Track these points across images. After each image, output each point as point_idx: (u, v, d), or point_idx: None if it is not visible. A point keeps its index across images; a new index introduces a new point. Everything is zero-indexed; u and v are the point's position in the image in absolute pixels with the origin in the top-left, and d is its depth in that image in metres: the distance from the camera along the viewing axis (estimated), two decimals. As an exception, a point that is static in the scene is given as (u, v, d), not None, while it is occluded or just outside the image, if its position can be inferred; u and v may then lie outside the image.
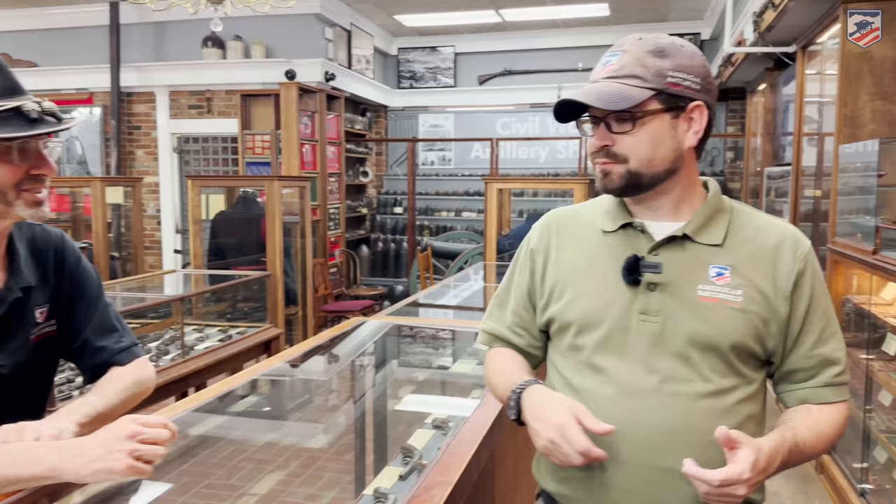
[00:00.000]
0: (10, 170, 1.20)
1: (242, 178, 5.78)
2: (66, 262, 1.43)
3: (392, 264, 8.84)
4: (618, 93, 1.14)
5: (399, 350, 2.63)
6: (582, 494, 1.20)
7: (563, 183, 5.02)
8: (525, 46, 8.85)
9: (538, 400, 1.16)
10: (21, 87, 1.21)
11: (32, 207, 1.24)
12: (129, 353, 1.46)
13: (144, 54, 7.82)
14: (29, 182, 1.22)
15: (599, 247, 1.27)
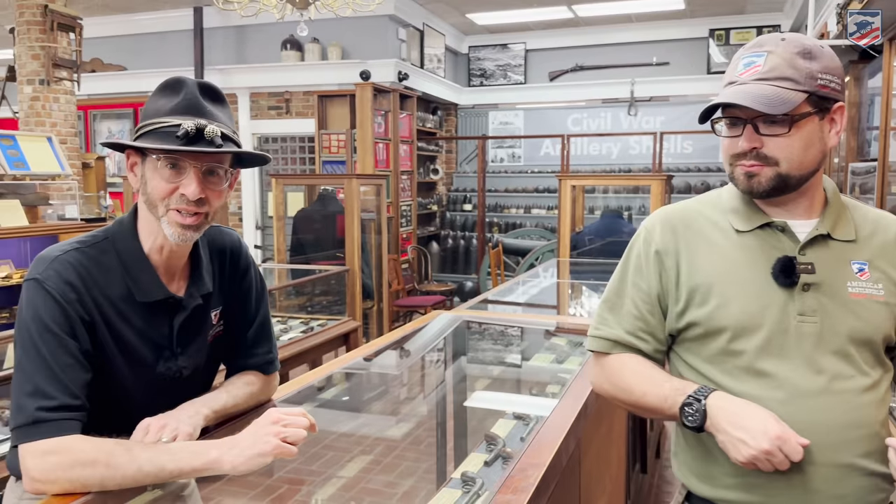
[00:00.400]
0: (160, 183, 1.24)
1: (323, 177, 5.97)
2: (239, 266, 1.48)
3: (461, 261, 8.92)
4: (776, 96, 1.14)
5: (476, 345, 2.69)
6: (760, 499, 1.20)
7: (638, 179, 4.98)
8: (597, 42, 8.78)
9: (731, 408, 1.15)
10: (200, 108, 1.24)
11: (174, 227, 1.25)
12: (272, 366, 1.54)
13: (226, 57, 8.13)
14: (177, 201, 1.24)
15: (736, 248, 1.24)
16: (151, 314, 1.29)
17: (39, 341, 1.17)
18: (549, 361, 2.37)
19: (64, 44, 6.24)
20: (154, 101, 1.27)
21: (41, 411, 1.13)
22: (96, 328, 1.23)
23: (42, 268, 1.22)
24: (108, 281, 1.25)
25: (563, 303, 3.28)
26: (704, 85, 8.46)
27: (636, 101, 8.76)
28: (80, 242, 1.27)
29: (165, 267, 1.32)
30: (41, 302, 1.19)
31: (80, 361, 1.19)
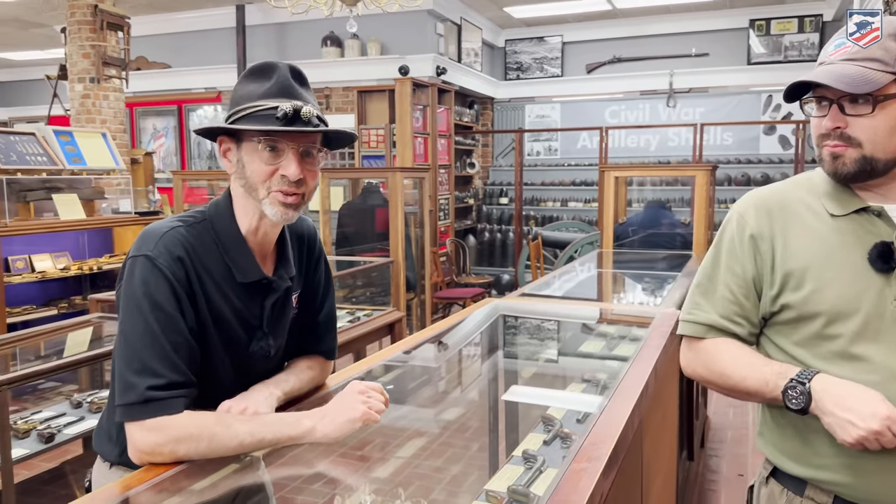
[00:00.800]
0: (260, 166, 1.26)
1: (367, 170, 6.06)
2: (314, 253, 1.52)
3: (498, 254, 8.97)
4: (860, 76, 1.14)
5: (524, 334, 2.74)
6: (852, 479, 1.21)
7: (683, 170, 4.97)
8: (635, 33, 8.74)
9: (837, 391, 1.15)
10: (292, 91, 1.27)
11: (277, 206, 1.28)
12: (334, 353, 1.60)
13: (268, 54, 8.27)
14: (278, 182, 1.27)
15: (832, 232, 1.24)
16: (247, 294, 1.33)
17: (150, 318, 1.19)
18: (599, 349, 2.42)
19: (113, 42, 6.43)
20: (244, 87, 1.29)
21: (151, 390, 1.16)
22: (198, 305, 1.26)
23: (152, 244, 1.24)
24: (209, 259, 1.29)
25: (609, 293, 3.31)
26: (744, 76, 8.37)
27: (675, 93, 8.70)
28: (182, 221, 1.31)
29: (259, 249, 1.36)
30: (152, 279, 1.21)
31: (188, 339, 1.23)
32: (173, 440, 1.16)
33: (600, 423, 1.29)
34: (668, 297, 2.68)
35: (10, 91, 11.69)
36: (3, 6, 7.80)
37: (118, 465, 1.36)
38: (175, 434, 1.16)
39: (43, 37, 9.35)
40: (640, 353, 1.79)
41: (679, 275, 3.22)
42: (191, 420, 1.18)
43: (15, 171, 4.07)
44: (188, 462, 1.17)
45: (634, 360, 1.73)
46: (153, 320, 1.20)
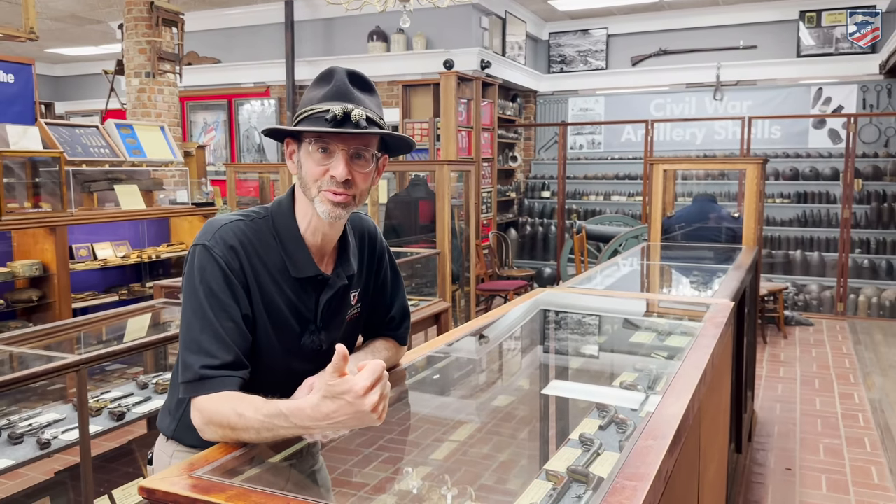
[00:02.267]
0: (313, 166, 1.33)
1: (414, 164, 6.14)
2: (376, 251, 1.56)
3: (540, 247, 8.99)
4: None
5: (574, 325, 2.77)
6: None
7: (733, 163, 4.93)
8: (681, 25, 8.65)
9: None
10: (347, 94, 1.32)
11: (326, 205, 1.33)
12: (406, 339, 1.67)
13: (315, 49, 8.40)
14: (328, 182, 1.32)
15: None
16: (302, 289, 1.38)
17: (206, 303, 1.26)
18: (650, 339, 2.45)
19: (167, 38, 6.61)
20: (309, 92, 1.36)
21: (205, 369, 1.23)
22: (252, 294, 1.32)
23: (210, 235, 1.32)
24: (266, 252, 1.36)
25: (658, 286, 3.33)
26: (794, 69, 8.23)
27: (722, 86, 8.59)
28: (244, 216, 1.39)
29: (317, 247, 1.42)
30: (209, 267, 1.28)
31: (240, 326, 1.29)
32: (205, 421, 1.23)
33: (662, 405, 1.34)
34: (721, 289, 2.69)
35: (66, 85, 12.07)
36: (60, 2, 8.07)
37: (172, 440, 1.46)
38: (206, 417, 1.22)
39: (98, 33, 9.64)
40: (697, 342, 1.82)
41: (730, 268, 3.22)
42: (223, 405, 1.21)
43: (80, 162, 4.25)
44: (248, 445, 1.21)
45: (691, 349, 1.76)
46: (207, 306, 1.27)
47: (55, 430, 2.50)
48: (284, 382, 1.39)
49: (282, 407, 1.15)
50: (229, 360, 1.26)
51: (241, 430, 1.18)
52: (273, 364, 1.39)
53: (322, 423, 1.11)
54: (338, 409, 1.10)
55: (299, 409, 1.13)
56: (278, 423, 1.15)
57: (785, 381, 5.27)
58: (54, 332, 2.86)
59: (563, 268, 7.75)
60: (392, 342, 1.63)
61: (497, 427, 2.79)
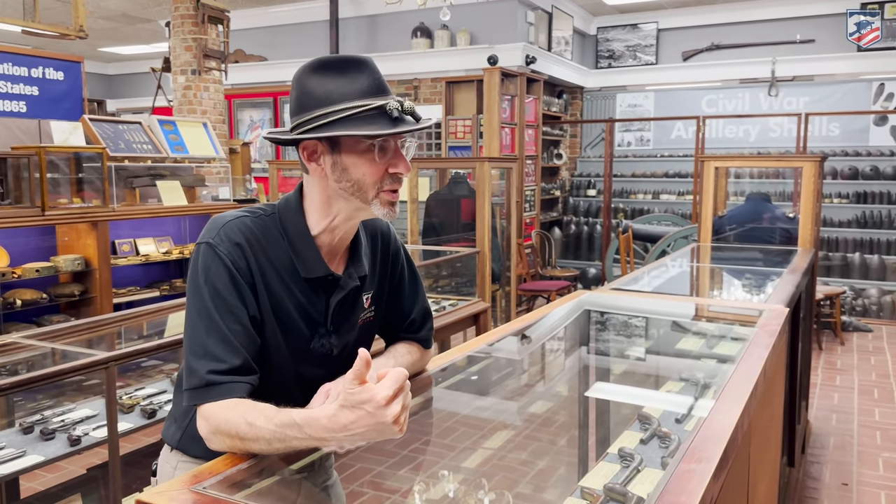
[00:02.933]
0: (371, 167, 1.22)
1: (455, 160, 6.06)
2: (390, 250, 1.47)
3: (584, 247, 8.81)
4: None
5: (617, 328, 2.66)
6: None
7: (789, 160, 4.71)
8: (735, 19, 8.37)
9: None
10: (386, 87, 1.25)
11: (387, 207, 1.26)
12: (431, 342, 1.57)
13: (359, 47, 8.39)
14: (389, 181, 1.25)
15: None
16: (311, 290, 1.31)
17: (211, 305, 1.19)
18: (698, 346, 2.31)
19: (213, 35, 6.66)
20: (325, 84, 1.22)
21: (212, 374, 1.16)
22: (259, 294, 1.25)
23: (214, 232, 1.24)
24: (274, 250, 1.28)
25: (708, 289, 3.17)
26: (854, 63, 7.87)
27: (777, 81, 8.28)
28: (250, 212, 1.31)
29: (330, 247, 1.33)
30: (213, 266, 1.21)
31: (248, 328, 1.22)
32: (212, 430, 1.15)
33: (709, 422, 1.22)
34: (776, 293, 2.53)
35: (118, 84, 12.35)
36: (112, 2, 8.22)
37: (177, 450, 1.38)
38: (214, 425, 1.15)
39: (148, 31, 9.82)
40: (748, 351, 1.69)
41: (784, 271, 3.05)
42: (232, 413, 1.13)
43: (122, 158, 4.28)
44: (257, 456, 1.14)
45: (742, 359, 1.63)
46: (213, 306, 1.20)
47: (87, 426, 2.49)
48: (293, 388, 1.32)
49: (295, 416, 1.07)
50: (237, 364, 1.18)
51: (251, 440, 1.10)
52: (281, 369, 1.32)
53: (339, 435, 1.03)
54: (357, 419, 1.01)
55: (314, 419, 1.05)
56: (291, 434, 1.07)
57: (841, 389, 5.02)
58: (92, 328, 2.85)
59: (608, 268, 7.57)
60: (415, 346, 1.53)
61: (536, 432, 2.69)
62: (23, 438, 2.40)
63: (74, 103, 5.48)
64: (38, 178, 3.73)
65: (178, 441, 1.36)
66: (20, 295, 3.79)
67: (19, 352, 2.35)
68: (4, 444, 2.34)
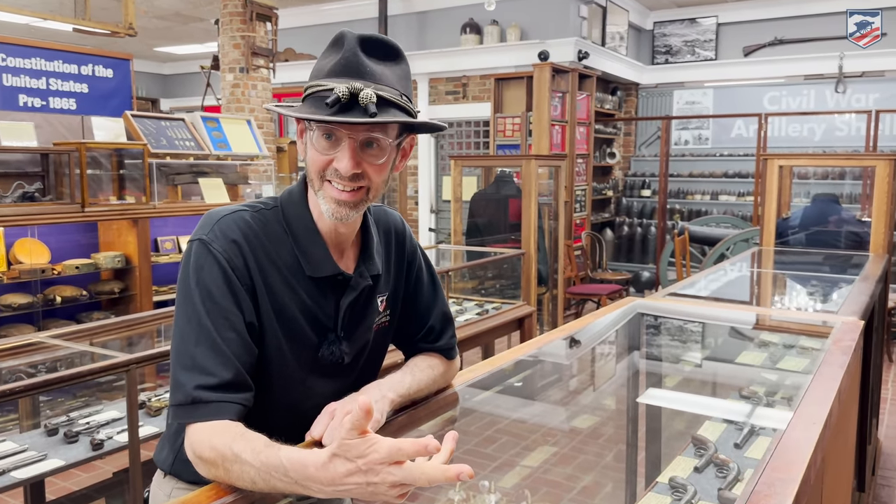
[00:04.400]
0: (315, 155, 1.12)
1: (501, 158, 5.90)
2: (405, 249, 1.35)
3: (637, 249, 8.52)
4: None
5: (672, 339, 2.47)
6: None
7: (861, 159, 4.40)
8: (799, 13, 7.97)
9: None
10: (358, 69, 1.09)
11: (330, 203, 1.13)
12: (454, 351, 1.42)
13: (408, 43, 8.28)
14: (332, 174, 1.11)
15: None
16: (319, 291, 1.18)
17: (202, 309, 1.07)
18: (760, 361, 2.11)
19: (261, 33, 6.65)
20: (320, 59, 1.14)
21: (200, 390, 1.03)
22: (259, 297, 1.13)
23: (208, 228, 1.13)
24: (276, 247, 1.16)
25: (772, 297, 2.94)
26: (930, 57, 7.41)
27: (845, 77, 7.85)
28: (250, 206, 1.19)
29: (335, 242, 1.21)
30: (207, 265, 1.09)
31: (243, 337, 1.09)
32: (195, 456, 1.02)
33: (777, 457, 1.04)
34: (847, 304, 2.30)
35: (172, 83, 12.56)
36: (165, 1, 8.31)
37: (170, 475, 1.26)
38: (197, 451, 1.01)
39: (201, 30, 9.92)
40: (821, 372, 1.49)
41: (856, 279, 2.80)
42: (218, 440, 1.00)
43: (164, 154, 4.25)
44: None
45: (814, 380, 1.43)
46: (204, 312, 1.06)
47: (112, 429, 2.42)
48: (300, 403, 1.18)
49: (283, 457, 0.93)
50: (228, 378, 1.05)
51: (236, 475, 0.97)
52: (286, 381, 1.18)
53: (326, 489, 0.90)
54: (348, 473, 0.88)
55: (302, 466, 0.91)
56: (276, 476, 0.93)
57: (915, 406, 4.67)
58: (122, 327, 2.79)
59: (662, 272, 7.28)
60: (437, 358, 1.38)
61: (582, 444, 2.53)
62: (46, 441, 2.34)
63: (123, 100, 5.51)
64: (79, 174, 3.72)
65: (171, 465, 1.24)
66: (60, 292, 3.78)
67: (43, 352, 2.29)
68: (27, 446, 2.29)
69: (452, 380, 1.45)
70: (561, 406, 2.26)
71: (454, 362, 1.44)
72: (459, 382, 1.54)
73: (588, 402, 2.43)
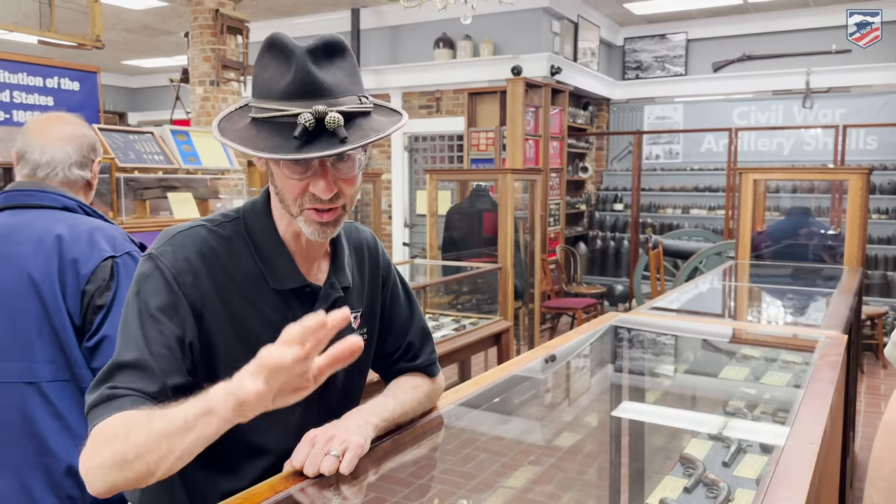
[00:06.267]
0: (289, 183, 1.07)
1: (477, 172, 5.87)
2: (379, 265, 1.32)
3: (611, 263, 8.55)
4: None
5: (651, 355, 2.45)
6: None
7: (834, 173, 4.46)
8: (767, 29, 8.12)
9: None
10: (316, 86, 1.03)
11: (313, 226, 1.09)
12: (436, 367, 1.38)
13: (381, 57, 8.26)
14: (310, 200, 1.08)
15: None
16: (285, 305, 1.13)
17: (137, 322, 1.03)
18: (742, 377, 2.09)
19: (232, 46, 6.57)
20: (262, 70, 1.07)
21: (111, 389, 0.97)
22: (213, 315, 1.08)
23: (160, 243, 1.09)
24: (236, 263, 1.11)
25: (753, 311, 2.94)
26: (892, 74, 7.58)
27: (812, 93, 8.00)
28: (209, 220, 1.14)
29: (304, 253, 1.17)
30: (151, 280, 1.05)
31: (175, 355, 1.04)
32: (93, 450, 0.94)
33: (777, 479, 1.00)
34: (829, 318, 2.30)
35: (140, 96, 12.38)
36: (134, 14, 8.18)
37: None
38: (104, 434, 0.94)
39: (170, 43, 9.80)
40: (811, 388, 1.47)
41: (834, 292, 2.81)
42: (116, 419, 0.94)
43: (132, 169, 4.14)
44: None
45: (805, 398, 1.41)
46: (139, 325, 1.03)
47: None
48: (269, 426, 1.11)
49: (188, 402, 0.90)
50: (150, 390, 0.99)
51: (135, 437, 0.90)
52: None
53: None
54: None
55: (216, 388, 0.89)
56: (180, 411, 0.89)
57: (888, 417, 4.71)
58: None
59: (636, 285, 7.31)
60: (420, 377, 1.33)
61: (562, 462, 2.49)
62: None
63: (90, 114, 5.38)
64: (44, 188, 3.59)
65: (140, 498, 1.17)
66: (23, 310, 3.64)
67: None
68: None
69: (438, 399, 1.41)
70: (546, 425, 2.22)
71: (438, 379, 1.39)
72: (445, 403, 1.49)
73: (570, 419, 2.40)
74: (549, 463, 2.36)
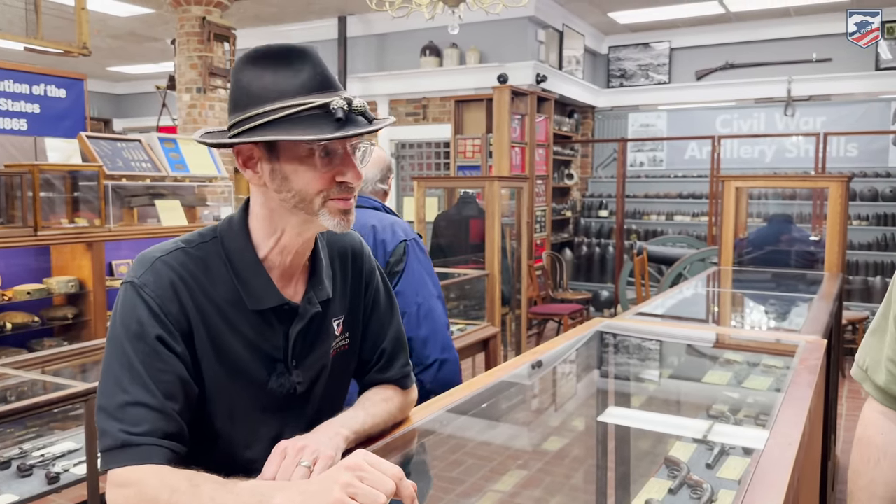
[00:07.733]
0: (314, 176, 1.08)
1: (464, 179, 5.91)
2: (363, 270, 1.32)
3: (596, 269, 8.63)
4: None
5: (637, 360, 2.49)
6: None
7: (815, 180, 4.54)
8: (749, 38, 8.24)
9: None
10: (333, 82, 1.08)
11: (338, 216, 1.10)
12: (409, 379, 1.38)
13: (367, 65, 8.30)
14: (336, 190, 1.09)
15: None
16: (264, 323, 1.15)
17: (132, 354, 1.03)
18: (725, 381, 2.13)
19: (219, 53, 6.58)
20: (261, 78, 1.06)
21: (127, 434, 0.98)
22: (197, 339, 1.09)
23: (141, 271, 1.08)
24: (214, 285, 1.11)
25: (737, 317, 2.99)
26: (872, 82, 7.71)
27: (793, 101, 8.12)
28: (186, 242, 1.14)
29: (284, 270, 1.17)
30: (137, 310, 1.05)
31: (176, 379, 1.05)
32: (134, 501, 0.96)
33: (756, 480, 1.04)
34: (809, 323, 2.35)
35: (126, 103, 12.33)
36: (119, 21, 8.17)
37: None
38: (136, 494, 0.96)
39: (156, 50, 9.78)
40: (790, 392, 1.51)
41: (814, 297, 2.86)
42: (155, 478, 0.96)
43: (120, 176, 4.15)
44: None
45: (784, 401, 1.45)
46: (134, 357, 1.03)
47: (68, 461, 2.33)
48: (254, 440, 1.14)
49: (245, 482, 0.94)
50: (160, 424, 1.01)
51: None
52: (237, 417, 1.15)
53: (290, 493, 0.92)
54: None
55: None
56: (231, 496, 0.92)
57: (868, 420, 4.78)
58: (77, 354, 2.69)
59: (621, 291, 7.37)
60: (391, 389, 1.33)
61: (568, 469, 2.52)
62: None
63: (77, 121, 5.37)
64: (32, 196, 3.60)
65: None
66: (11, 318, 3.64)
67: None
68: (-24, 481, 2.18)
69: (410, 411, 1.40)
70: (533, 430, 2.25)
71: (411, 391, 1.39)
72: (433, 409, 1.51)
73: (557, 424, 2.43)
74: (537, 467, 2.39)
